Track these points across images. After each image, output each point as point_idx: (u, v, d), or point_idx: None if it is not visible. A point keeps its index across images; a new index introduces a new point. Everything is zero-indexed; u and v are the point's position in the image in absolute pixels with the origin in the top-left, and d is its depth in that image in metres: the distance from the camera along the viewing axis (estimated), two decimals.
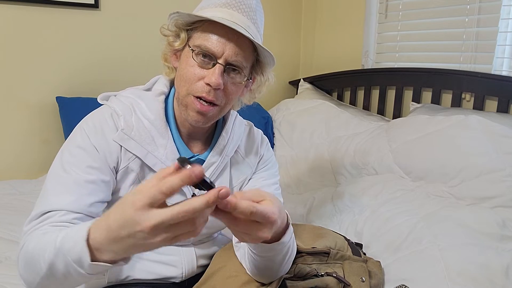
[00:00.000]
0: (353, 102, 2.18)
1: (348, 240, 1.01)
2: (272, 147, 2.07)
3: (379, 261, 1.03)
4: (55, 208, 0.72)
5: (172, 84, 0.90)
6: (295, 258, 0.88)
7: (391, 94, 2.01)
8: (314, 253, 0.91)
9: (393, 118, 1.90)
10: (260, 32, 0.84)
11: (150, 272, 0.87)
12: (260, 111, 2.17)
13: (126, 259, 0.58)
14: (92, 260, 0.56)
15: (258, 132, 1.02)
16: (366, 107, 2.11)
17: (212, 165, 0.88)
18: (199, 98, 0.79)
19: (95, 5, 1.82)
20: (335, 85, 2.26)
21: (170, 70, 0.88)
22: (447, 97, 1.78)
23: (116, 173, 0.81)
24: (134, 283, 0.87)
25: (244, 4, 0.80)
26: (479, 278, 0.94)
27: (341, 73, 2.19)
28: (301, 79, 2.38)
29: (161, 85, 0.88)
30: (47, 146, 1.81)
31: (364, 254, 1.06)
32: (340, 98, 2.25)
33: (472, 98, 1.67)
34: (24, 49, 1.71)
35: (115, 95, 0.87)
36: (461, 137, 1.38)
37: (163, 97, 0.86)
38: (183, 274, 0.90)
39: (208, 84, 0.78)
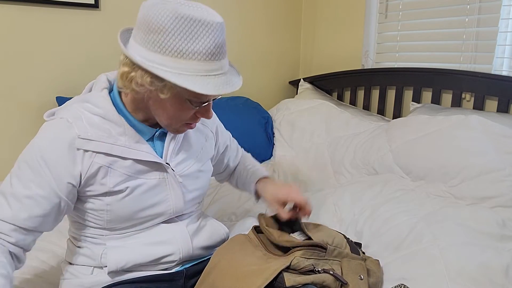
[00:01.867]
0: (353, 102, 2.18)
1: (347, 239, 1.01)
2: (272, 147, 2.07)
3: (378, 260, 1.03)
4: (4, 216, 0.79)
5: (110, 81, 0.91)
6: (293, 250, 0.90)
7: (391, 94, 2.01)
8: (311, 246, 0.91)
9: (393, 118, 1.90)
10: (226, 51, 0.84)
11: (148, 255, 0.89)
12: (260, 111, 2.17)
13: None
14: None
15: None
16: (366, 107, 2.11)
17: (175, 135, 0.93)
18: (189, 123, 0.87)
19: (95, 5, 1.82)
20: (335, 85, 2.26)
21: (128, 89, 0.81)
22: (447, 97, 1.78)
23: (81, 177, 0.82)
24: (134, 281, 0.88)
25: (223, 48, 0.79)
26: (479, 277, 0.94)
27: (341, 73, 2.19)
28: (301, 79, 2.38)
29: (100, 83, 0.89)
30: None
31: (363, 253, 1.06)
32: (340, 98, 2.26)
33: (472, 98, 1.67)
34: (24, 49, 1.71)
35: (59, 109, 0.87)
36: (461, 137, 1.39)
37: (106, 91, 0.87)
38: (180, 251, 0.93)
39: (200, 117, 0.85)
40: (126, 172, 0.85)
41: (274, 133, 2.12)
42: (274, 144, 2.08)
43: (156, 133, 0.91)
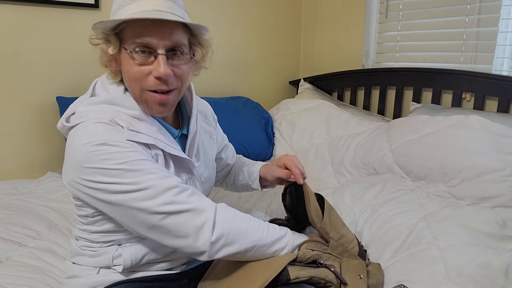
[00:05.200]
0: (353, 102, 2.18)
1: (359, 242, 1.01)
2: (272, 147, 2.07)
3: (379, 263, 1.03)
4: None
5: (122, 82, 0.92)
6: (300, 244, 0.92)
7: (391, 94, 2.01)
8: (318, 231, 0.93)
9: (393, 118, 1.90)
10: (181, 4, 0.85)
11: (162, 250, 0.90)
12: (260, 111, 2.17)
13: None
14: None
15: (201, 100, 1.11)
16: (366, 107, 2.11)
17: (195, 134, 0.95)
18: (155, 91, 0.83)
19: (95, 5, 1.82)
20: (335, 85, 2.26)
21: (114, 73, 0.88)
22: (447, 97, 1.78)
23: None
24: (139, 280, 0.88)
25: None
26: (479, 278, 0.94)
27: (341, 73, 2.19)
28: (301, 79, 2.38)
29: (114, 85, 0.88)
30: (48, 146, 1.81)
31: (368, 259, 1.06)
32: (340, 98, 2.25)
33: (473, 98, 1.67)
34: (24, 49, 1.71)
35: (74, 113, 0.85)
36: (461, 137, 1.38)
37: (128, 93, 0.88)
38: None
39: (157, 77, 0.81)
40: (167, 169, 0.87)
41: (274, 133, 2.12)
42: (274, 144, 2.08)
43: (179, 134, 0.94)
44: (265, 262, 0.85)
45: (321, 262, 0.88)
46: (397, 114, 1.96)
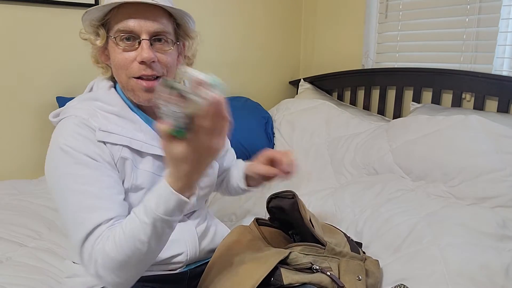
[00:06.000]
0: (353, 102, 2.18)
1: (347, 237, 1.01)
2: (272, 147, 2.07)
3: (377, 260, 1.03)
4: (100, 222, 0.75)
5: (112, 79, 0.92)
6: (293, 245, 0.90)
7: (391, 94, 2.01)
8: (310, 242, 0.91)
9: (393, 118, 1.90)
10: None
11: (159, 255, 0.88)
12: (260, 111, 2.17)
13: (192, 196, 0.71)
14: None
15: None
16: (366, 107, 2.11)
17: None
18: (140, 78, 0.83)
19: (95, 5, 1.81)
20: (335, 85, 2.26)
21: (105, 69, 0.90)
22: (447, 97, 1.78)
23: (116, 166, 0.83)
24: (138, 280, 0.87)
25: None
26: (479, 278, 0.94)
27: (341, 73, 2.19)
28: (301, 79, 2.38)
29: (104, 82, 0.91)
30: (48, 146, 1.80)
31: (364, 252, 1.06)
32: (340, 98, 2.25)
33: (473, 98, 1.67)
34: (24, 49, 1.71)
35: (66, 108, 0.87)
36: (461, 137, 1.38)
37: (113, 89, 0.89)
38: (188, 252, 0.92)
39: (142, 62, 0.81)
40: (148, 169, 0.85)
41: (274, 133, 2.11)
42: (274, 144, 2.08)
43: None
44: (255, 262, 0.84)
45: (316, 267, 0.87)
46: (397, 114, 1.95)
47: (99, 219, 0.75)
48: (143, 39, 0.81)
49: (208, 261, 0.99)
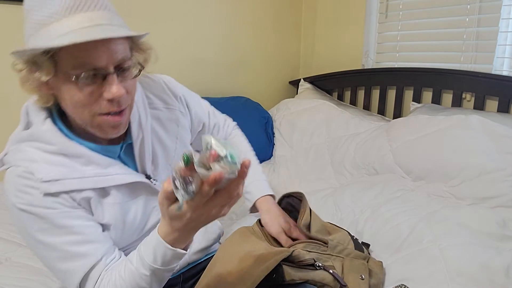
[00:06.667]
0: (353, 102, 2.18)
1: (352, 236, 1.01)
2: (272, 147, 2.07)
3: (381, 262, 1.03)
4: (89, 266, 0.73)
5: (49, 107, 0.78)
6: (296, 242, 0.90)
7: (392, 94, 2.00)
8: (313, 239, 0.91)
9: (393, 118, 1.90)
10: (112, 9, 0.71)
11: None
12: (260, 111, 2.16)
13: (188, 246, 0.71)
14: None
15: (159, 78, 0.93)
16: (367, 107, 2.11)
17: (142, 139, 0.82)
18: (107, 114, 0.72)
19: None
20: (335, 85, 2.26)
21: (45, 98, 0.73)
22: (447, 97, 1.77)
23: (81, 206, 0.75)
24: None
25: None
26: (480, 277, 0.94)
27: (341, 73, 2.18)
28: (301, 79, 2.38)
29: (39, 114, 0.76)
30: None
31: (369, 253, 1.06)
32: (341, 98, 2.25)
33: (473, 98, 1.67)
34: None
35: (4, 155, 0.76)
36: (461, 137, 1.38)
37: (49, 120, 0.75)
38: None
39: (110, 100, 0.70)
40: (114, 201, 0.77)
41: (274, 133, 2.11)
42: (274, 144, 2.08)
43: (123, 148, 0.81)
44: (258, 260, 0.84)
45: (319, 264, 0.87)
46: (397, 114, 1.95)
47: (88, 264, 0.72)
48: (109, 73, 0.68)
49: (200, 262, 0.99)
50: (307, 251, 0.88)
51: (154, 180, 0.84)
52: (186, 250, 0.71)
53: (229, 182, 0.59)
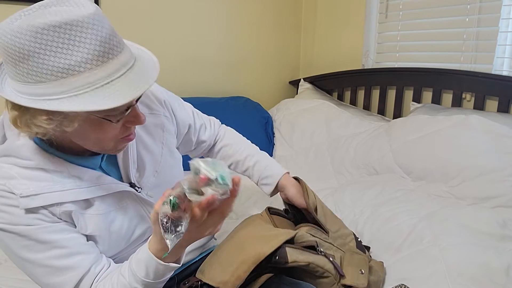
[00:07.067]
0: (353, 102, 2.18)
1: (355, 237, 1.02)
2: (272, 147, 2.07)
3: (382, 262, 1.03)
4: (78, 278, 0.72)
5: None
6: (300, 226, 0.93)
7: (392, 94, 2.00)
8: (316, 224, 0.94)
9: (393, 118, 1.90)
10: (121, 38, 0.68)
11: None
12: (260, 111, 2.16)
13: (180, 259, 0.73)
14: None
15: None
16: (367, 107, 2.11)
17: (125, 150, 0.80)
18: (129, 135, 0.73)
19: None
20: (336, 85, 2.26)
21: (41, 135, 0.67)
22: (447, 97, 1.77)
23: (63, 220, 0.73)
24: None
25: (114, 39, 0.63)
26: (480, 277, 0.94)
27: (342, 73, 2.19)
28: (301, 79, 2.38)
29: (12, 127, 0.68)
30: None
31: (370, 256, 1.06)
32: (341, 98, 2.25)
33: (473, 98, 1.67)
34: None
35: None
36: (461, 137, 1.38)
37: (23, 137, 0.71)
38: None
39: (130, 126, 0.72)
40: (96, 212, 0.75)
41: (274, 133, 2.11)
42: (274, 144, 2.08)
43: (104, 158, 0.79)
44: (263, 239, 0.85)
45: (321, 250, 0.88)
46: (397, 114, 1.95)
47: (77, 276, 0.72)
48: (133, 105, 0.68)
49: (194, 262, 1.00)
50: (311, 234, 0.90)
51: (139, 188, 0.82)
52: (179, 263, 0.72)
53: (221, 202, 0.61)
